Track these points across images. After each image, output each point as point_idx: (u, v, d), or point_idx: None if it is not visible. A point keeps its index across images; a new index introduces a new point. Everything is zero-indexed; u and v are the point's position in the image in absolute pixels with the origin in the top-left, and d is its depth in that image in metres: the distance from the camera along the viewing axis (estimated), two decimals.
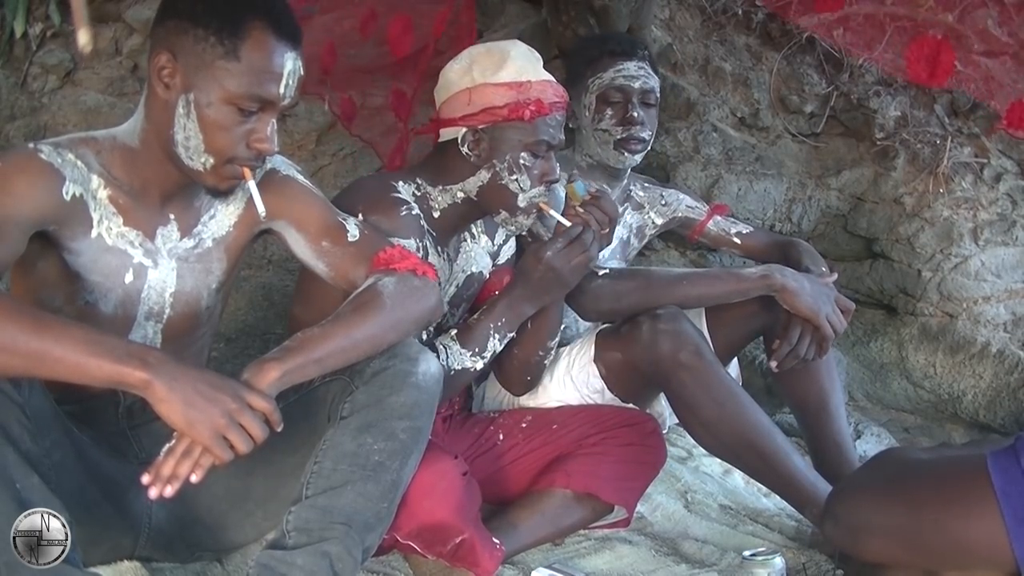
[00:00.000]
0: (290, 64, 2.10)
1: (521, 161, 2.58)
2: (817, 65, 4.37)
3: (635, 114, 3.10)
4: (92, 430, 2.17)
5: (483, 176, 2.62)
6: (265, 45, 2.06)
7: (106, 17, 4.04)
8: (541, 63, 2.64)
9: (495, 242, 2.93)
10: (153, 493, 1.82)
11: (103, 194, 2.11)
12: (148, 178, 2.16)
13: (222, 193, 2.19)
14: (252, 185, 2.12)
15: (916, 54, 3.84)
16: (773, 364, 2.98)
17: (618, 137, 3.12)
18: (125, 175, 2.14)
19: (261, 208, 2.13)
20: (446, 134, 2.63)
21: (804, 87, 4.36)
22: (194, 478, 1.83)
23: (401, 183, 2.63)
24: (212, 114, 2.05)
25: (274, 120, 2.13)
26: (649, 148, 3.21)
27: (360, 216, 2.44)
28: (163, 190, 2.18)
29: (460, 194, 2.67)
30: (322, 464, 2.03)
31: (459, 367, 2.61)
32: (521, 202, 2.62)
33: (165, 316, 2.25)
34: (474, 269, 2.84)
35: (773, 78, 4.37)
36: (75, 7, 3.25)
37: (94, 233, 2.10)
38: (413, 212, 2.57)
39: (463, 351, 2.62)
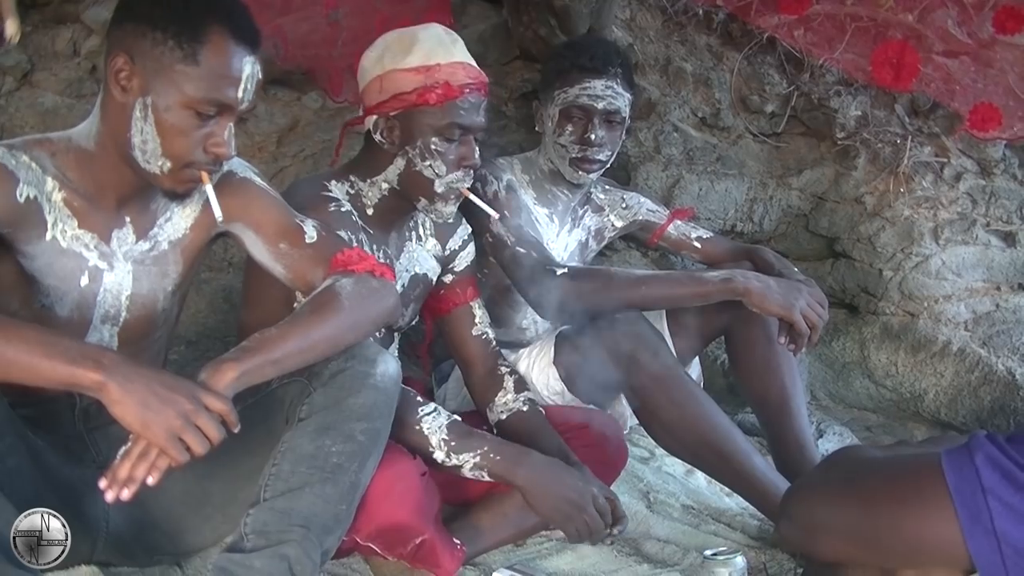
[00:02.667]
0: (248, 68, 2.10)
1: (433, 146, 2.56)
2: (778, 65, 4.38)
3: (592, 136, 3.08)
4: (48, 434, 2.15)
5: (399, 164, 2.62)
6: (224, 49, 2.05)
7: (64, 18, 4.01)
8: (458, 44, 2.62)
9: (447, 247, 2.91)
10: (109, 497, 1.80)
11: (58, 197, 2.09)
12: (103, 181, 2.15)
13: (179, 196, 2.18)
14: (209, 189, 2.11)
15: (881, 57, 3.87)
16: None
17: (574, 155, 3.11)
18: (80, 177, 2.13)
19: (218, 213, 2.13)
20: (367, 123, 2.63)
21: (765, 87, 4.36)
22: (150, 480, 1.82)
23: (333, 182, 2.65)
24: (170, 118, 2.04)
25: (231, 124, 2.12)
26: (608, 165, 3.20)
27: None
28: (119, 193, 2.17)
29: (384, 185, 2.66)
30: (280, 466, 2.02)
31: None
32: (438, 187, 2.60)
33: (121, 319, 2.24)
34: (418, 270, 2.83)
35: (734, 78, 4.38)
36: None
37: (48, 236, 2.08)
38: (343, 209, 2.58)
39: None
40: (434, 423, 2.49)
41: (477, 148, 2.63)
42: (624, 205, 3.43)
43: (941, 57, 4.10)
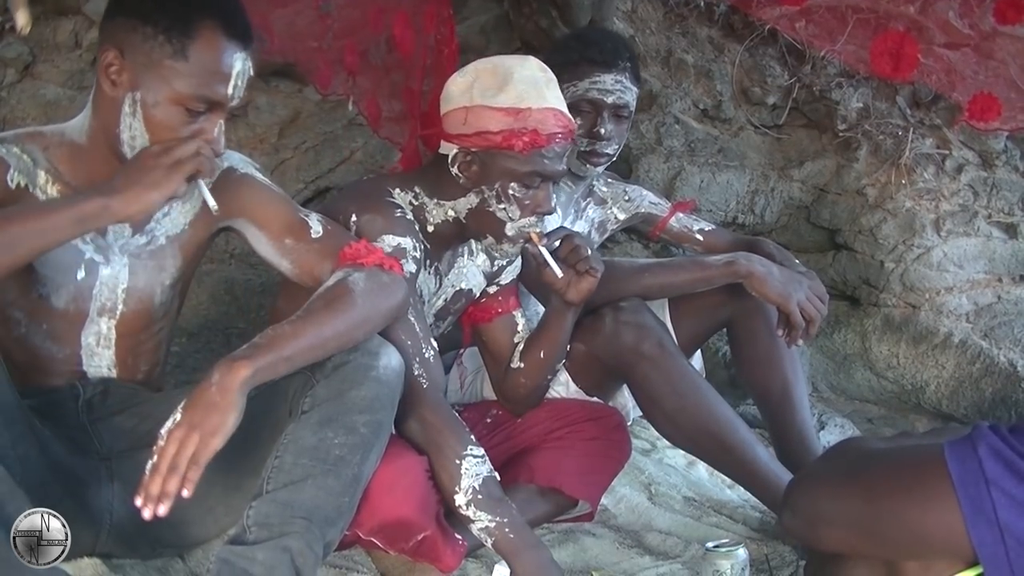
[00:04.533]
0: (239, 65, 2.10)
1: (511, 191, 2.48)
2: (779, 57, 4.38)
3: (602, 130, 3.07)
4: (53, 425, 2.15)
5: (472, 200, 2.53)
6: (215, 45, 2.05)
7: (66, 10, 4.00)
8: (551, 86, 2.52)
9: (495, 263, 2.83)
10: (147, 515, 1.81)
11: (53, 190, 2.10)
12: (96, 174, 2.14)
13: None
14: (201, 183, 2.09)
15: (880, 48, 3.85)
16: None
17: (582, 149, 3.09)
18: (72, 171, 2.14)
19: (212, 203, 2.10)
20: (444, 148, 2.53)
21: (766, 79, 4.36)
22: (185, 493, 1.82)
23: (397, 190, 2.56)
24: (159, 114, 2.05)
25: (222, 121, 2.12)
26: (615, 158, 3.20)
27: (353, 216, 2.42)
28: None
29: (451, 213, 2.58)
30: (283, 459, 2.01)
31: None
32: (509, 231, 2.53)
33: (118, 312, 2.24)
34: (464, 285, 2.76)
35: (735, 70, 4.38)
36: None
37: None
38: (408, 217, 2.51)
39: None
40: (474, 468, 2.36)
41: (554, 196, 2.58)
42: (627, 198, 3.43)
43: (942, 49, 4.09)
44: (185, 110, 2.05)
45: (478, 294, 2.83)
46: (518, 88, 2.44)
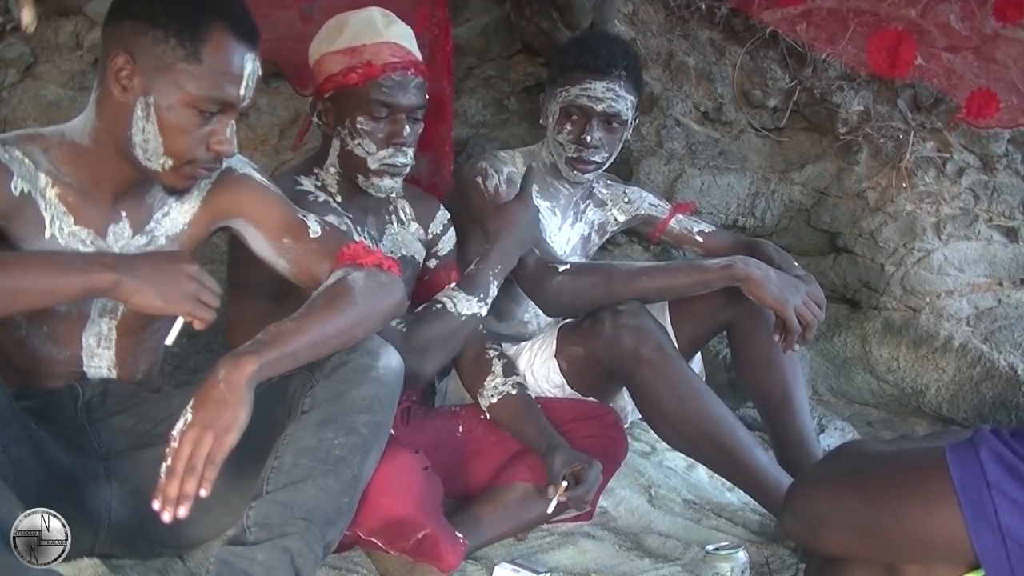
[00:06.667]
0: (250, 66, 2.10)
1: (359, 125, 2.64)
2: (780, 60, 4.37)
3: (589, 137, 3.05)
4: (51, 425, 2.14)
5: (336, 145, 2.70)
6: (226, 47, 2.05)
7: (67, 11, 4.00)
8: (393, 27, 2.68)
9: (429, 231, 2.96)
10: (166, 517, 1.81)
11: (52, 193, 2.10)
12: (99, 175, 2.15)
13: (179, 192, 2.19)
14: (179, 321, 2.07)
15: (877, 45, 3.85)
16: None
17: (570, 155, 3.10)
18: (74, 172, 2.13)
19: (172, 338, 2.11)
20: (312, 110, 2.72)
21: (767, 82, 4.36)
22: (203, 492, 1.82)
23: (301, 176, 2.72)
24: (172, 117, 2.04)
25: (233, 122, 2.12)
26: (606, 166, 3.20)
27: None
28: (115, 187, 2.17)
29: (332, 169, 2.75)
30: (282, 459, 2.01)
31: (468, 312, 2.76)
32: (371, 164, 2.67)
33: (119, 312, 2.24)
34: (404, 252, 2.87)
35: (736, 73, 4.37)
36: None
37: (48, 234, 2.10)
38: (320, 199, 2.65)
39: (468, 298, 2.76)
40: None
41: (408, 127, 2.67)
42: (626, 199, 3.43)
43: (944, 52, 4.10)
44: (198, 112, 2.04)
45: (421, 261, 2.95)
46: (352, 28, 2.65)
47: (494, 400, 2.85)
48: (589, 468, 2.65)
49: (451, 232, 3.02)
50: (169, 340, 2.09)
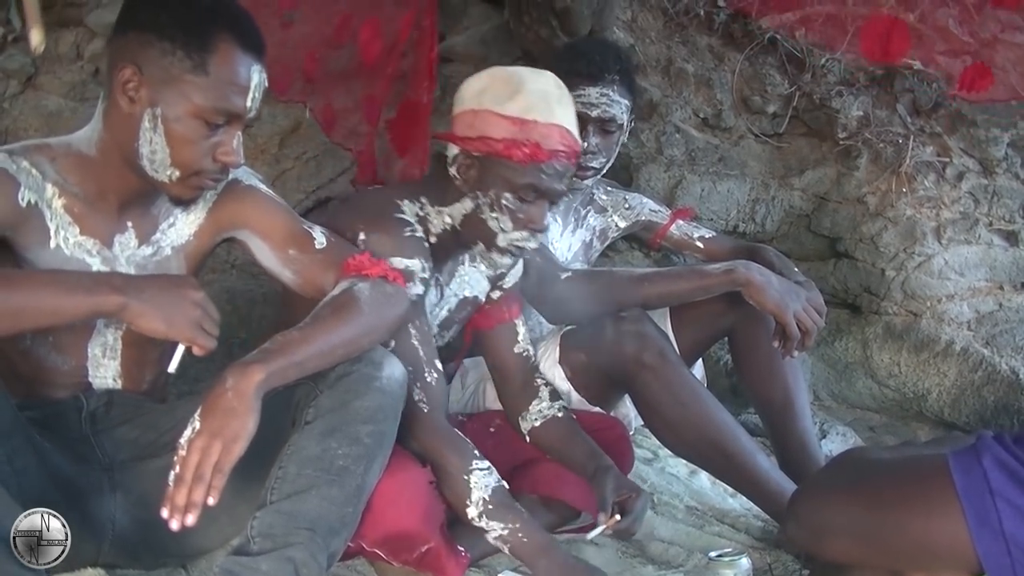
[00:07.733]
0: (256, 77, 2.11)
1: (504, 201, 2.45)
2: (779, 65, 4.38)
3: (585, 144, 3.04)
4: (55, 436, 2.14)
5: (467, 205, 2.51)
6: (233, 58, 2.06)
7: (67, 22, 4.01)
8: (563, 103, 2.48)
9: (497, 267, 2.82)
10: (175, 525, 1.81)
11: (58, 203, 2.10)
12: (105, 186, 2.15)
13: (185, 202, 2.19)
14: (180, 348, 2.08)
15: (869, 32, 3.87)
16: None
17: None
18: (80, 183, 2.13)
19: (175, 365, 2.11)
20: (450, 150, 2.52)
21: (766, 87, 4.36)
22: (211, 501, 1.83)
23: (406, 201, 2.53)
24: (180, 128, 2.05)
25: (240, 132, 2.12)
26: (604, 171, 3.20)
27: (361, 234, 2.41)
28: (121, 198, 2.18)
29: (448, 220, 2.56)
30: (286, 469, 2.01)
31: None
32: (500, 242, 2.51)
33: (125, 323, 2.24)
34: (467, 293, 2.76)
35: (735, 79, 4.38)
36: (27, 7, 3.23)
37: (53, 244, 2.10)
38: (417, 234, 2.48)
39: None
40: (482, 481, 2.39)
41: (549, 215, 2.54)
42: (627, 206, 3.43)
43: (943, 56, 4.11)
44: (205, 123, 2.05)
45: (483, 300, 2.82)
46: (528, 99, 2.42)
47: (537, 423, 2.82)
48: (637, 498, 2.59)
49: (520, 265, 2.88)
50: (172, 367, 2.10)
